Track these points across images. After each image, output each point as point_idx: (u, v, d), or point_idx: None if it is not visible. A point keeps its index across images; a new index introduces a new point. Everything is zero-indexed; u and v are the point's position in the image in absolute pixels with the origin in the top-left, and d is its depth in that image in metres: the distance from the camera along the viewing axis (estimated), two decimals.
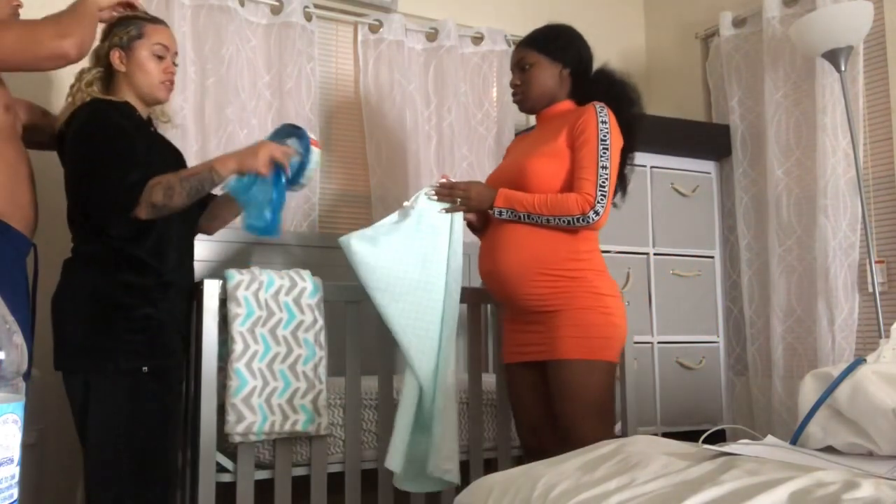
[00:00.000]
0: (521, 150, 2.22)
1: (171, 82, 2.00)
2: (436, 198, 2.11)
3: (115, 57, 1.93)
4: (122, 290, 1.84)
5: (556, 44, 2.15)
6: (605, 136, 2.02)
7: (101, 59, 1.95)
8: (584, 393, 1.98)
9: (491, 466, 2.26)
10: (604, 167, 2.00)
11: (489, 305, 2.81)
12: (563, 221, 1.99)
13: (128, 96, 1.95)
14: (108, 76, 1.96)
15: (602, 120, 2.03)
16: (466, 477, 2.14)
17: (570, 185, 2.04)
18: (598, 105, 2.06)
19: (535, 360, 2.08)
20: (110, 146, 1.83)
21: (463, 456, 2.12)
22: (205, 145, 2.77)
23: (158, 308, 1.88)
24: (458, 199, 2.09)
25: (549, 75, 2.14)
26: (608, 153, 2.01)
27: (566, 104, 2.17)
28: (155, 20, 2.00)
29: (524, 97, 2.18)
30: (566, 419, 2.00)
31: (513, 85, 2.20)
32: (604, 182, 1.99)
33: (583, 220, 1.98)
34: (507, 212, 2.04)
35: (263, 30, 2.98)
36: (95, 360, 1.81)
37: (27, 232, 1.82)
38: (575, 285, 2.02)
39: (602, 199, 1.99)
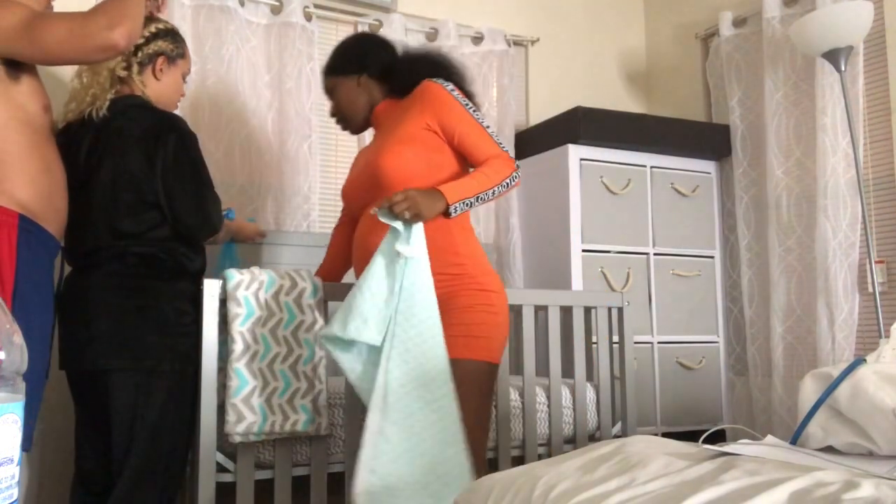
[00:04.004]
0: (370, 155, 2.05)
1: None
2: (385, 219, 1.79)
3: (160, 62, 2.02)
4: (181, 297, 1.95)
5: (343, 59, 2.12)
6: (465, 101, 1.96)
7: (143, 56, 2.00)
8: (466, 395, 1.79)
9: (491, 466, 2.26)
10: (488, 126, 1.95)
11: None
12: (504, 187, 1.91)
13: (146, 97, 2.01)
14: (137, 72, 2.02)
15: (449, 89, 1.96)
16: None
17: (428, 169, 1.92)
18: (433, 80, 1.98)
19: None
20: (205, 168, 1.98)
21: None
22: (205, 145, 2.76)
23: (196, 315, 2.00)
24: (406, 213, 1.76)
25: (349, 90, 2.10)
26: (479, 113, 1.97)
27: (385, 104, 2.10)
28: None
29: (344, 122, 2.15)
30: None
31: (331, 115, 2.17)
32: (498, 140, 1.95)
33: (515, 178, 1.93)
34: (462, 204, 1.85)
35: (263, 30, 2.98)
36: (154, 360, 1.87)
37: (58, 235, 1.83)
38: (458, 283, 1.89)
39: (510, 153, 1.95)
